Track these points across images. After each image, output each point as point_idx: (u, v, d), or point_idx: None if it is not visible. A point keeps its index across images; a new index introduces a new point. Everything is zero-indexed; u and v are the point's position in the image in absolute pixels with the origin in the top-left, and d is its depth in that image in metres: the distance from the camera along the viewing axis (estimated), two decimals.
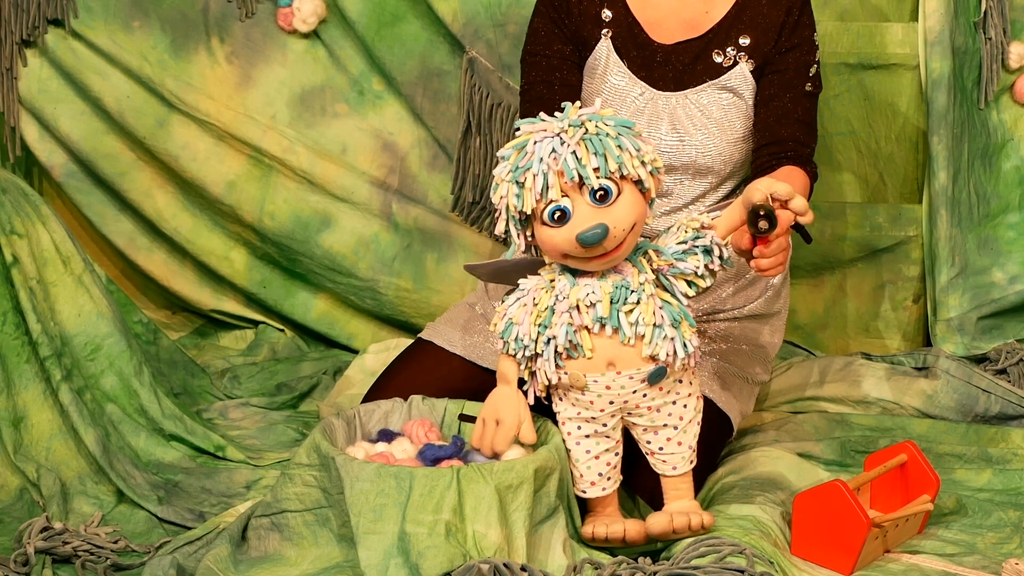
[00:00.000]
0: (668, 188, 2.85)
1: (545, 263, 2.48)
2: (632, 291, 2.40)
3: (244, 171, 3.55)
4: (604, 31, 2.86)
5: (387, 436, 2.54)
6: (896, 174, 3.52)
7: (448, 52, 3.50)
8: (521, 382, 2.49)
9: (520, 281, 2.47)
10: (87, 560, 2.55)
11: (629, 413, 2.49)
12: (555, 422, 2.54)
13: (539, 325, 2.42)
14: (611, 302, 2.40)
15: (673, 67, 2.84)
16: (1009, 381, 3.30)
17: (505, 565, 2.27)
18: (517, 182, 2.35)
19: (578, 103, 2.43)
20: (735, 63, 2.83)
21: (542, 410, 2.59)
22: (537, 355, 2.44)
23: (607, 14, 2.86)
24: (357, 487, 2.32)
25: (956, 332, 3.44)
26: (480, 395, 2.69)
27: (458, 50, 3.48)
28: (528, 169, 2.34)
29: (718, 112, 2.83)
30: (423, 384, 2.80)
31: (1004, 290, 3.47)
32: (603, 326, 2.41)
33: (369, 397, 2.84)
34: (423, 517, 2.29)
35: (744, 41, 2.83)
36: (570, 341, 2.41)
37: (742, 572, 2.32)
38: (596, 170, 2.34)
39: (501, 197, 2.39)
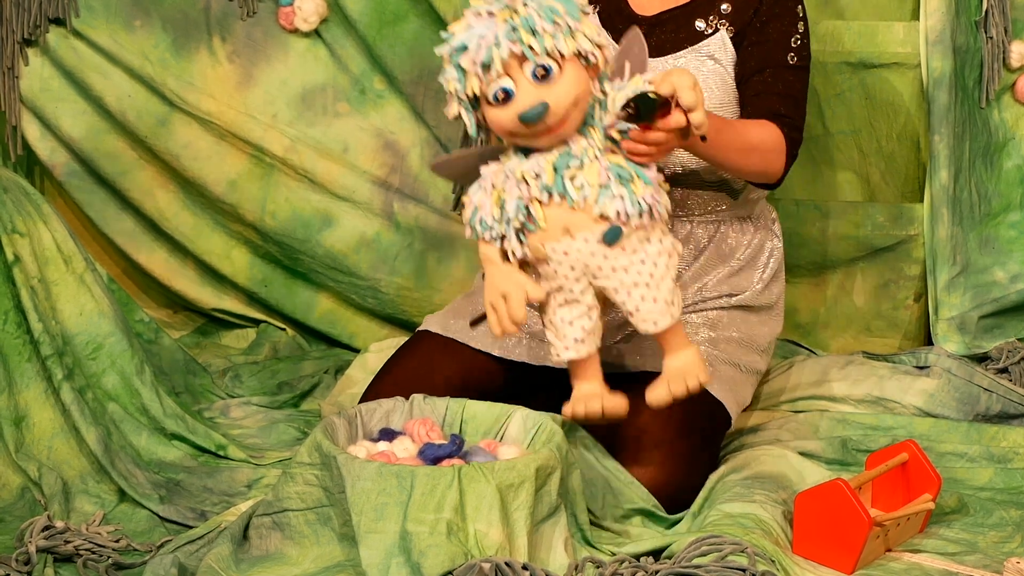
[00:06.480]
0: None
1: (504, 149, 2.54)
2: (574, 156, 2.47)
3: (245, 170, 3.55)
4: (590, 5, 2.87)
5: (388, 435, 2.54)
6: (897, 173, 3.52)
7: None
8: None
9: (481, 168, 2.55)
10: (89, 559, 2.55)
11: (595, 277, 2.52)
12: (555, 420, 2.54)
13: (499, 206, 2.50)
14: (554, 170, 2.47)
15: (657, 37, 2.87)
16: (1010, 380, 3.29)
17: (507, 564, 2.27)
18: (458, 65, 2.44)
19: None
20: (716, 30, 2.85)
21: (542, 407, 2.60)
22: (502, 236, 2.51)
23: None
24: (358, 486, 2.32)
25: (957, 331, 3.43)
26: (478, 380, 2.69)
27: None
28: (465, 50, 2.43)
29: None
30: (422, 373, 2.80)
31: (1005, 289, 3.47)
32: (551, 195, 2.48)
33: (369, 390, 2.83)
34: (424, 516, 2.29)
35: (725, 8, 2.86)
36: (528, 215, 2.48)
37: (744, 571, 2.32)
38: (532, 48, 2.41)
39: (448, 79, 2.48)
